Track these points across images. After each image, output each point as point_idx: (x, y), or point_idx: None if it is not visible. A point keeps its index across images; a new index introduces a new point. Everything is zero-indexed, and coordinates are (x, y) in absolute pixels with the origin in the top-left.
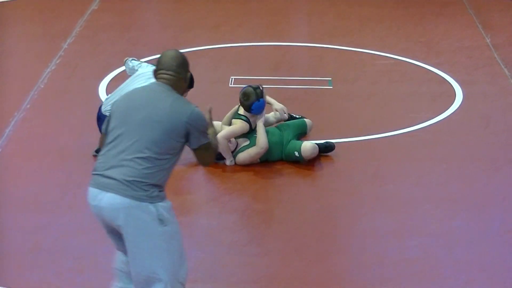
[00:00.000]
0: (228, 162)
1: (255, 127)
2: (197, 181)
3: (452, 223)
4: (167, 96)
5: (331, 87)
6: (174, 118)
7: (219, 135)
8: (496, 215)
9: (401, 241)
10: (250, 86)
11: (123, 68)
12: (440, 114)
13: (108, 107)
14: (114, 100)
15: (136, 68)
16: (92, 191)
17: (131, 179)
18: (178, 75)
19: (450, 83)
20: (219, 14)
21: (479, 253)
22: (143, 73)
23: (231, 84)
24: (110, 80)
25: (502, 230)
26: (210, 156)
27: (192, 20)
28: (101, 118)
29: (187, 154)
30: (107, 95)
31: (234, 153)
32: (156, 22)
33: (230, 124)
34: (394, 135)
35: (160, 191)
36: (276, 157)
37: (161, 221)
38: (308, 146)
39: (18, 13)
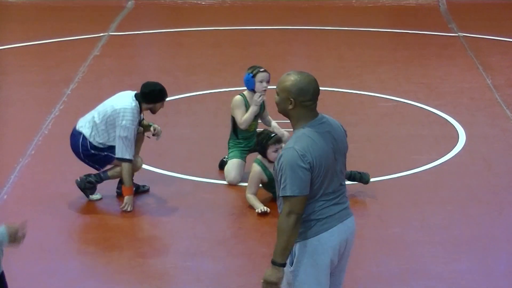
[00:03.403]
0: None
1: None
2: (202, 225)
3: (457, 266)
4: (337, 123)
5: None
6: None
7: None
8: (501, 257)
9: (406, 284)
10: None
11: None
12: (442, 156)
13: (83, 125)
14: (91, 118)
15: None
16: (335, 229)
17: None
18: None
19: (452, 125)
20: (219, 59)
21: None
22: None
23: None
24: None
25: (507, 273)
26: None
27: (193, 65)
28: (73, 134)
29: (192, 199)
30: None
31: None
32: (156, 67)
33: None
34: (397, 177)
35: None
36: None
37: None
38: None
39: (20, 61)
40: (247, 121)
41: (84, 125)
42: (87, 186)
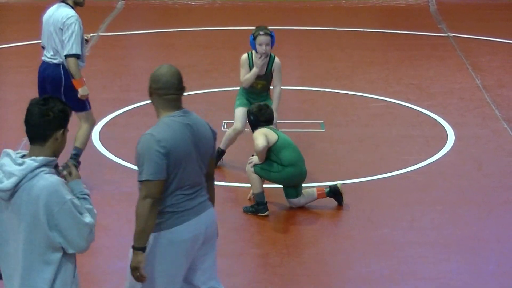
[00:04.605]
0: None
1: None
2: None
3: (446, 267)
4: (204, 123)
5: (323, 130)
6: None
7: None
8: (491, 257)
9: (395, 285)
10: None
11: (116, 114)
12: (432, 156)
13: (54, 57)
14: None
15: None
16: (191, 222)
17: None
18: (182, 92)
19: (442, 125)
20: (209, 59)
21: None
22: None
23: (223, 128)
24: (103, 126)
25: (496, 273)
26: None
27: (183, 66)
28: (48, 67)
29: None
30: (100, 141)
31: None
32: (147, 68)
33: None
34: (387, 177)
35: None
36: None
37: None
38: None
39: (10, 61)
40: (247, 81)
41: (54, 57)
42: None
